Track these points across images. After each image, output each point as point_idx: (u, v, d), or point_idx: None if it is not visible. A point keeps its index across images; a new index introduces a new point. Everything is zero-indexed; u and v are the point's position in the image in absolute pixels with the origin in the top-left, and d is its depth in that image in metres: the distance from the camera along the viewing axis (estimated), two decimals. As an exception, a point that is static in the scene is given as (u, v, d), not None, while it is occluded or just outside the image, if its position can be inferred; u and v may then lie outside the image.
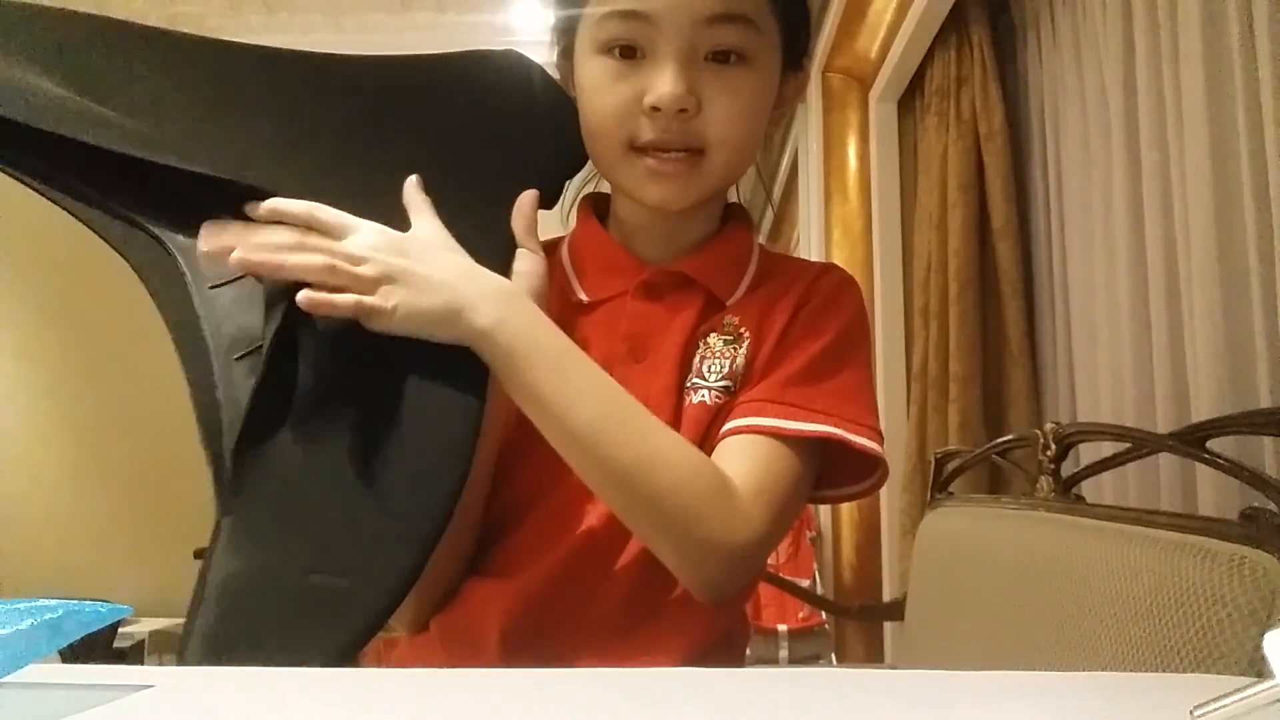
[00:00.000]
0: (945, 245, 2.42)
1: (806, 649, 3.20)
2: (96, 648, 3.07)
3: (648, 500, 0.62)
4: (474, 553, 0.74)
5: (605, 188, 0.82)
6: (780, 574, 3.13)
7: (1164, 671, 0.81)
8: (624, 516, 0.65)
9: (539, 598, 0.70)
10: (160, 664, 3.58)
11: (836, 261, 3.26)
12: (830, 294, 0.76)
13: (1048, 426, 1.33)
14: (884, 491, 3.01)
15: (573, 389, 0.63)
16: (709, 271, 0.76)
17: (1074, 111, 2.02)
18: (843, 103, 3.30)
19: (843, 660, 3.15)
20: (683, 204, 0.73)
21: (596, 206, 0.81)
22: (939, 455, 1.86)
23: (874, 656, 2.97)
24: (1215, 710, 0.33)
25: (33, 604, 0.43)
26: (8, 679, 0.40)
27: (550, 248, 0.80)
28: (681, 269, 0.75)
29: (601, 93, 0.69)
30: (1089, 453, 1.38)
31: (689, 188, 0.70)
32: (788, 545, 3.69)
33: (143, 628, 3.64)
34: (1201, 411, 1.40)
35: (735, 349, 0.73)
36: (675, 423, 0.71)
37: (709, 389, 0.71)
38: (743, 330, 0.74)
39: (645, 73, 0.67)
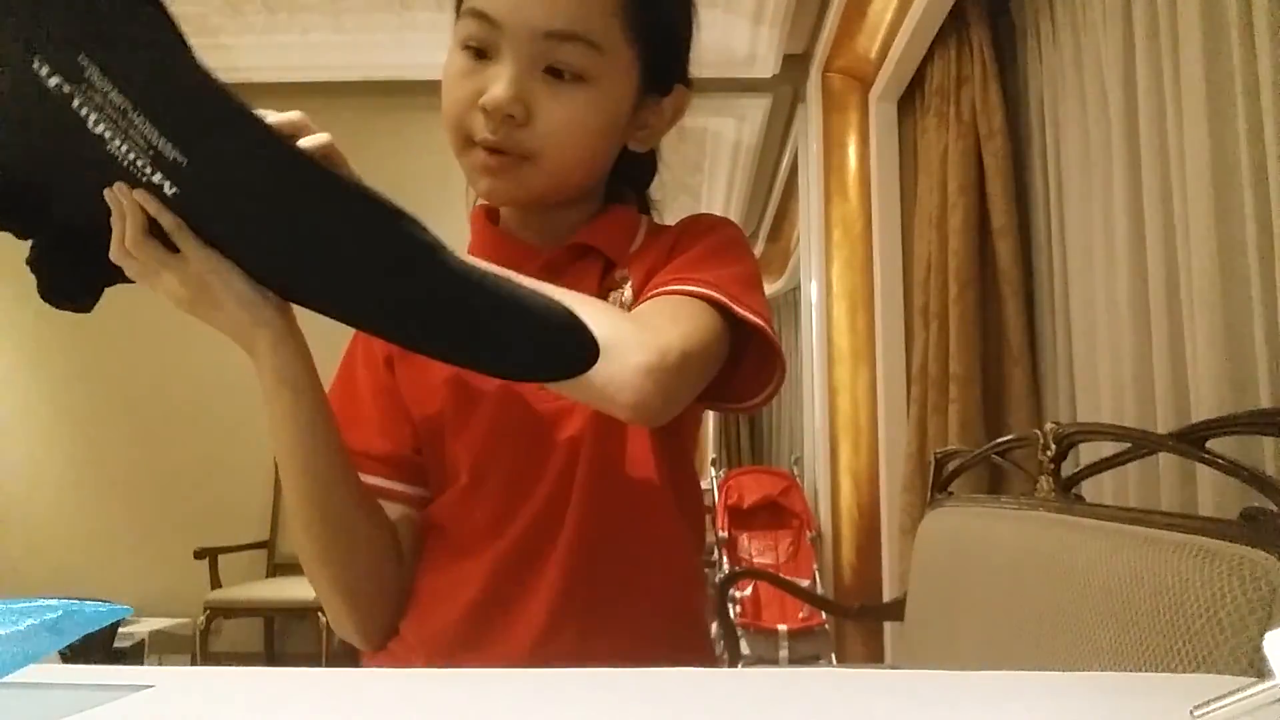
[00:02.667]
0: (945, 245, 2.42)
1: (806, 649, 3.20)
2: (96, 648, 3.07)
3: None
4: (395, 552, 0.76)
5: None
6: (780, 574, 3.13)
7: (1164, 671, 0.81)
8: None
9: (499, 580, 0.73)
10: (160, 664, 3.57)
11: (836, 262, 3.27)
12: (705, 222, 0.81)
13: (1048, 426, 1.33)
14: (884, 491, 3.03)
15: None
16: (602, 237, 0.79)
17: (1074, 111, 2.02)
18: (843, 103, 3.30)
19: (843, 660, 3.15)
20: (511, 201, 0.78)
21: (490, 212, 0.84)
22: (939, 455, 1.86)
23: (874, 656, 2.97)
24: (1215, 710, 0.33)
25: (33, 604, 0.43)
26: (8, 679, 0.40)
27: None
28: (578, 240, 0.79)
29: (451, 84, 0.73)
30: (1089, 453, 1.38)
31: (514, 187, 0.73)
32: (788, 545, 3.70)
33: (143, 628, 3.63)
34: (1201, 411, 1.40)
35: (623, 291, 0.77)
36: None
37: None
38: (629, 275, 0.78)
39: (489, 73, 0.70)
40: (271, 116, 0.58)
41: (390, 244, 0.54)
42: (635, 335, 0.62)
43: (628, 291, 0.76)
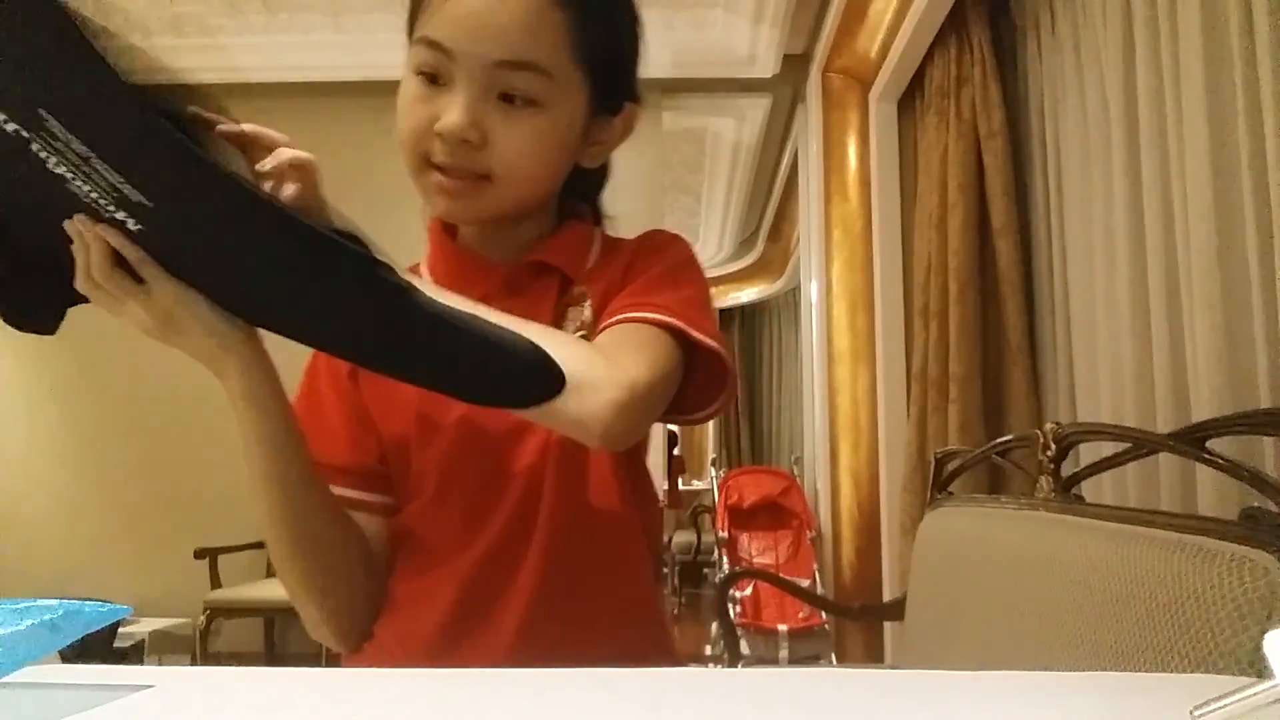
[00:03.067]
0: (945, 245, 2.42)
1: (806, 649, 3.20)
2: (96, 648, 3.07)
3: None
4: (366, 559, 0.78)
5: None
6: (780, 574, 3.13)
7: (1164, 671, 0.81)
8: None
9: (474, 586, 0.74)
10: (160, 664, 3.57)
11: (836, 262, 3.27)
12: (660, 241, 0.84)
13: (1048, 426, 1.33)
14: (884, 491, 3.03)
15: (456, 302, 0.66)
16: (561, 255, 0.82)
17: (1074, 111, 2.02)
18: (843, 103, 3.30)
19: (843, 660, 3.15)
20: (469, 220, 0.80)
21: (447, 225, 0.86)
22: (939, 455, 1.86)
23: (874, 656, 2.97)
24: (1215, 710, 0.33)
25: (33, 604, 0.43)
26: (8, 679, 0.40)
27: (409, 272, 0.85)
28: (539, 258, 0.81)
29: (406, 110, 0.75)
30: (1089, 453, 1.38)
31: (474, 207, 0.76)
32: (788, 545, 3.70)
33: (143, 628, 3.63)
34: (1201, 411, 1.40)
35: (582, 308, 0.80)
36: None
37: None
38: (587, 291, 0.80)
39: (443, 99, 0.72)
40: (247, 126, 0.58)
41: (356, 289, 0.55)
42: (604, 372, 0.65)
43: (587, 310, 0.79)
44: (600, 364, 0.65)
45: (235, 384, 0.65)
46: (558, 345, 0.62)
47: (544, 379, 0.59)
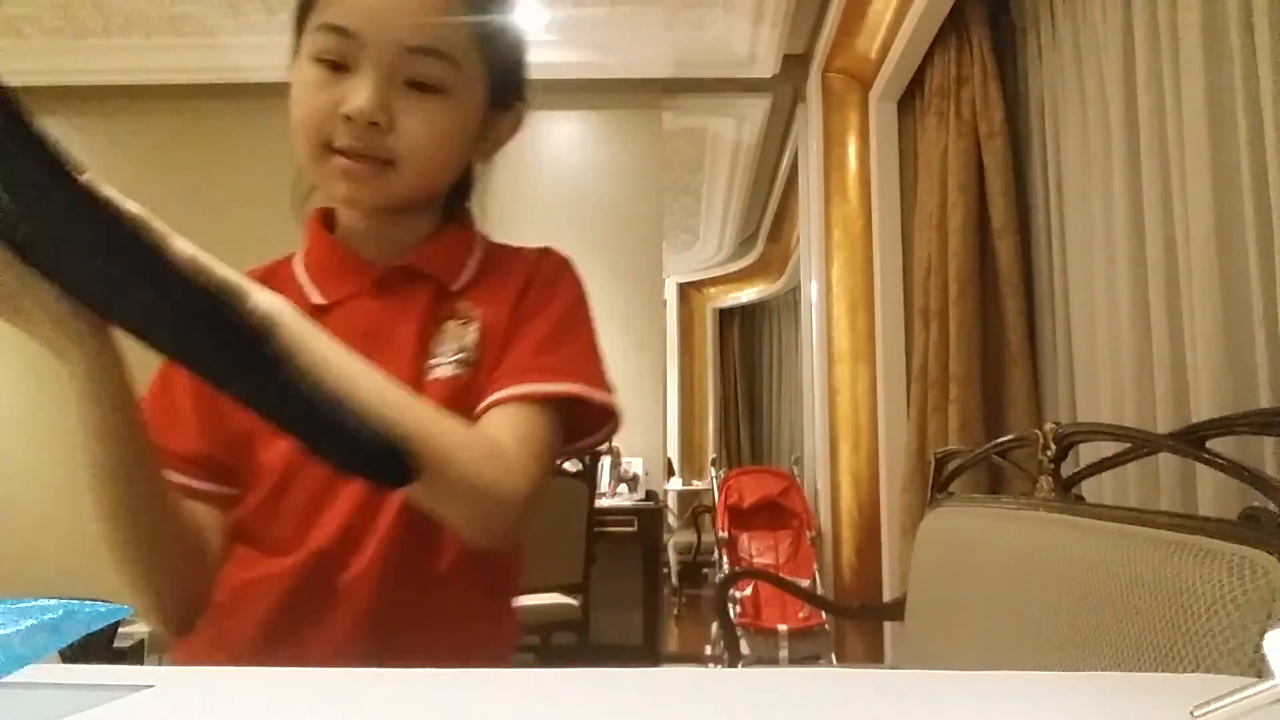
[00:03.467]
0: (945, 245, 2.42)
1: (806, 649, 3.20)
2: (96, 648, 3.06)
3: (432, 467, 0.64)
4: (201, 551, 0.77)
5: None
6: (780, 574, 3.14)
7: (1164, 671, 0.81)
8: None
9: (298, 591, 0.74)
10: (160, 664, 3.57)
11: (836, 262, 3.27)
12: (552, 273, 0.84)
13: (1047, 426, 1.33)
14: (884, 491, 3.03)
15: (353, 369, 0.65)
16: (434, 262, 0.82)
17: (1074, 111, 2.02)
18: (843, 103, 3.30)
19: (843, 660, 3.15)
20: (369, 204, 0.79)
21: (325, 219, 0.86)
22: (939, 455, 1.86)
23: (874, 656, 2.97)
24: (1215, 710, 0.33)
25: (33, 604, 0.43)
26: (8, 679, 0.40)
27: (283, 263, 0.86)
28: (409, 263, 0.81)
29: (306, 95, 0.74)
30: (1089, 453, 1.38)
31: (376, 190, 0.76)
32: (788, 545, 3.70)
33: (143, 628, 3.62)
34: (1201, 411, 1.40)
35: (467, 328, 0.80)
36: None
37: (446, 364, 0.79)
38: (474, 312, 0.81)
39: (347, 84, 0.73)
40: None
41: (212, 330, 0.53)
42: (510, 486, 0.68)
43: (472, 332, 0.79)
44: (508, 478, 0.69)
45: (80, 375, 0.62)
46: (471, 454, 0.65)
47: (392, 469, 0.59)
